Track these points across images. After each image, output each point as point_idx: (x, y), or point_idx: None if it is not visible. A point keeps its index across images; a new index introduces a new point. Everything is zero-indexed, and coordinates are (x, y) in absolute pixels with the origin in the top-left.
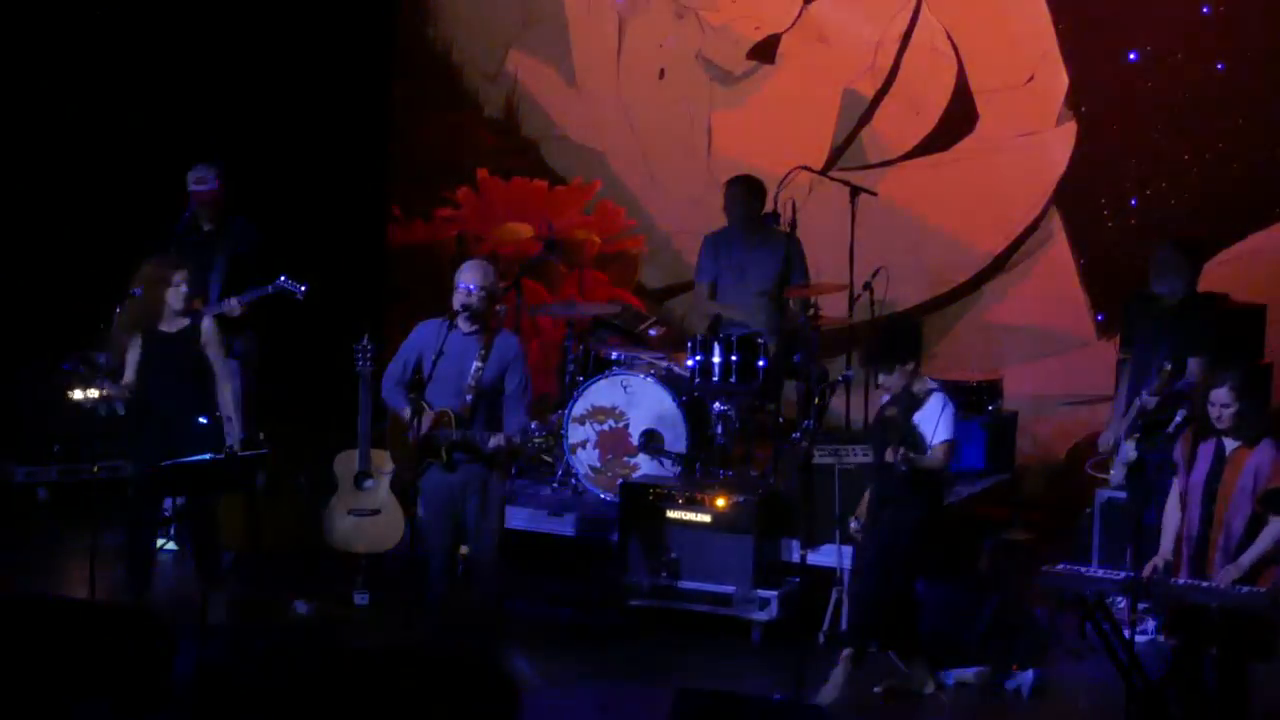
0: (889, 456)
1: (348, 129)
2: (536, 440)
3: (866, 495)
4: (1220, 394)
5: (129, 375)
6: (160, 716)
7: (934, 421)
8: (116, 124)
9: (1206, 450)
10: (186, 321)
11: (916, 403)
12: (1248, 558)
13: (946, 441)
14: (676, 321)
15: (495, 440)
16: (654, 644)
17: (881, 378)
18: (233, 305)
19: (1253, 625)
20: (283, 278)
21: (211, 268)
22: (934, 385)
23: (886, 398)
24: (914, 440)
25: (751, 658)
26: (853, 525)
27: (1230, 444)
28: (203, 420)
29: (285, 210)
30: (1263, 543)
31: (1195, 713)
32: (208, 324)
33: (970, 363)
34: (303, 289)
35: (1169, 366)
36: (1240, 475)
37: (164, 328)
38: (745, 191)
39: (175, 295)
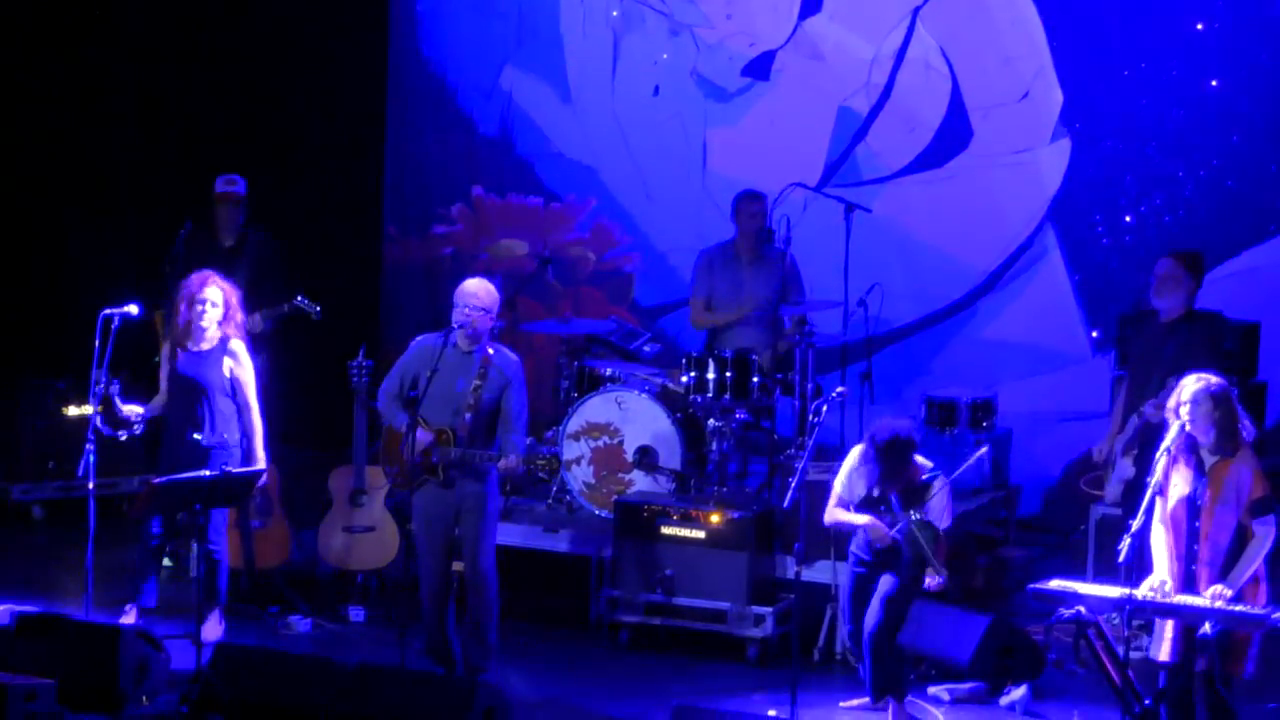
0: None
1: (343, 147)
2: (539, 461)
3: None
4: (1192, 393)
5: (161, 392)
6: None
7: (941, 512)
8: (114, 143)
9: (1181, 466)
10: (214, 343)
11: (925, 494)
12: (1239, 574)
13: (948, 530)
14: (671, 338)
15: (500, 461)
16: (649, 661)
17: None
18: (256, 321)
19: (1234, 640)
20: (300, 297)
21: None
22: (933, 470)
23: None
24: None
25: (747, 675)
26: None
27: (1209, 459)
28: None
29: (281, 229)
30: (1252, 556)
31: None
32: (235, 348)
33: (964, 380)
34: (318, 309)
35: (1170, 380)
36: (1222, 489)
37: (193, 346)
38: (761, 207)
39: (205, 315)
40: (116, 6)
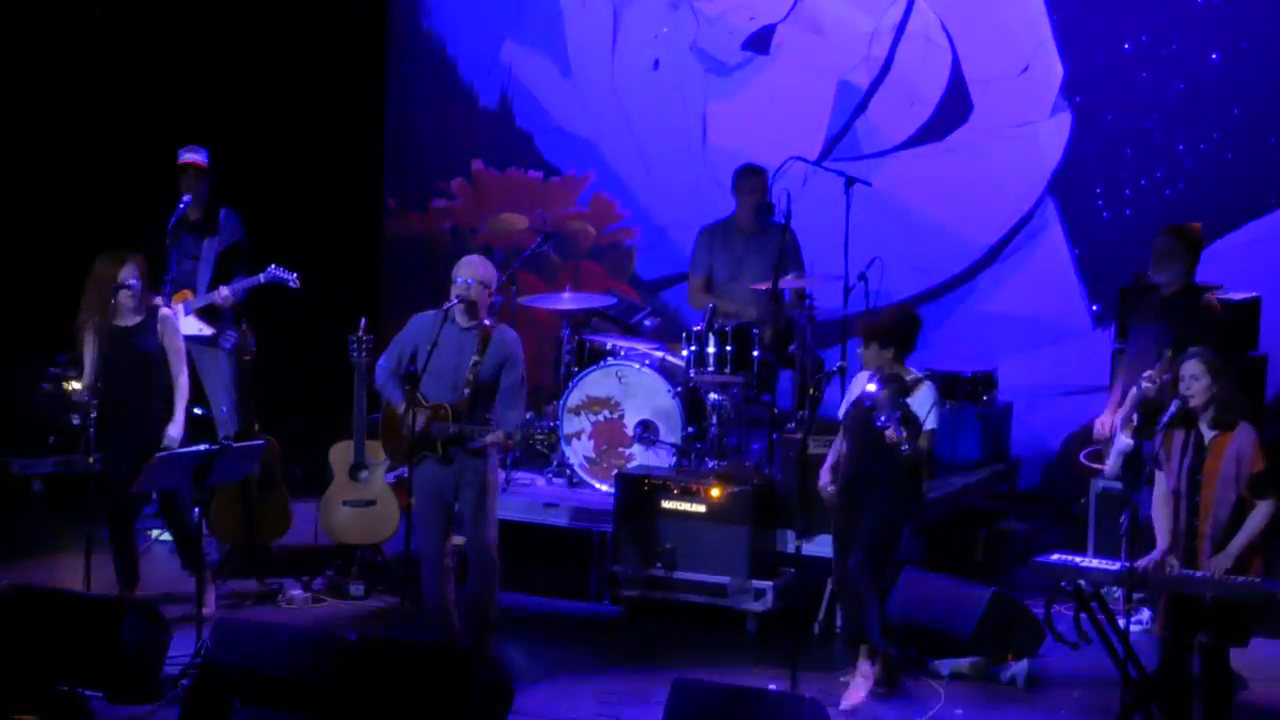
0: (890, 437)
1: (343, 121)
2: (537, 435)
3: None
4: (1190, 366)
5: (88, 373)
6: (153, 706)
7: (925, 409)
8: (110, 118)
9: (1181, 441)
10: (142, 316)
11: (907, 389)
12: (1236, 545)
13: (933, 430)
14: (671, 312)
15: (493, 436)
16: (649, 635)
17: (870, 355)
18: (225, 295)
19: (1232, 611)
20: (273, 267)
21: (200, 258)
22: (922, 374)
23: (870, 378)
24: (913, 425)
25: (747, 648)
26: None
27: (1209, 433)
28: (198, 412)
29: (281, 202)
30: (1250, 529)
31: (1185, 703)
32: (165, 317)
33: (965, 354)
34: (294, 276)
35: (1169, 353)
36: (1222, 462)
37: (120, 322)
38: (762, 182)
39: (127, 290)
40: None
